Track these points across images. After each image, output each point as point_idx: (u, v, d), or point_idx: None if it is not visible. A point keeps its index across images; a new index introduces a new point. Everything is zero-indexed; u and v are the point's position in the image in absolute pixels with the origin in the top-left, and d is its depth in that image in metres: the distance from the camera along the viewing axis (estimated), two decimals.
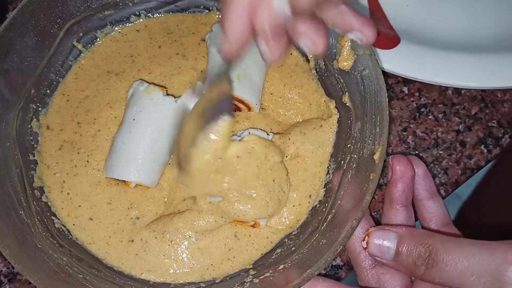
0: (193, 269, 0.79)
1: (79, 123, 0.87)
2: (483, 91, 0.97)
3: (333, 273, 0.86)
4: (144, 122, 0.80)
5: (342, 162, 0.80)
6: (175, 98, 0.82)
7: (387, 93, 0.73)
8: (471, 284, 0.58)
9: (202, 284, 0.79)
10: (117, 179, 0.82)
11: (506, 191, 1.32)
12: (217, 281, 0.79)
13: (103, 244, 0.81)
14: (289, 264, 0.73)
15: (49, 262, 0.72)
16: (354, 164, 0.76)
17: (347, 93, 0.81)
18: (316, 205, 0.82)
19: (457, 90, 0.97)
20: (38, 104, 0.86)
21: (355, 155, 0.77)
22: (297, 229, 0.81)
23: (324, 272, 0.86)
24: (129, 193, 0.83)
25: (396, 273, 0.71)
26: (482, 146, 0.94)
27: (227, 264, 0.80)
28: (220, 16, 0.50)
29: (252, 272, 0.78)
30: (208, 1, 0.94)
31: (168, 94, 0.82)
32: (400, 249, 0.64)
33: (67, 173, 0.84)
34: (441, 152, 0.93)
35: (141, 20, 0.95)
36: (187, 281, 0.79)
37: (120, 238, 0.81)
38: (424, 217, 0.77)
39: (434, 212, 0.77)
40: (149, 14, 0.95)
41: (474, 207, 1.51)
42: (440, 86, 0.96)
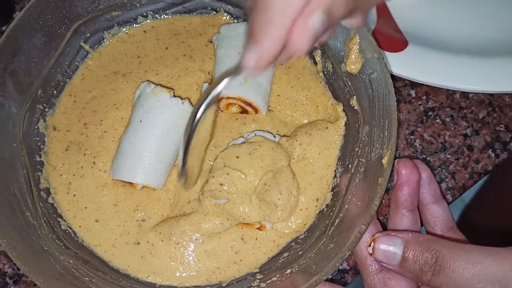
0: (200, 272, 0.79)
1: (85, 124, 0.87)
2: (491, 95, 0.97)
3: (339, 278, 0.86)
4: (150, 124, 0.80)
5: (349, 165, 0.80)
6: (182, 99, 0.82)
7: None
8: None
9: None
10: (124, 181, 0.82)
11: (509, 195, 1.31)
12: (223, 284, 0.79)
13: (109, 246, 0.80)
14: (296, 268, 0.73)
15: (55, 265, 0.71)
16: (362, 168, 0.76)
17: (355, 96, 0.81)
18: (324, 209, 0.82)
19: (464, 94, 0.97)
20: (45, 105, 0.86)
21: (363, 159, 0.76)
22: (304, 233, 0.81)
23: (330, 276, 0.85)
24: (135, 194, 0.83)
25: (402, 278, 0.71)
26: (490, 151, 0.93)
27: (233, 268, 0.80)
28: (252, 24, 0.49)
29: (259, 276, 0.77)
30: (215, 2, 0.94)
31: (175, 96, 0.82)
32: (406, 255, 0.64)
33: (74, 175, 0.84)
34: (448, 156, 0.93)
35: (149, 21, 0.95)
36: (193, 284, 0.79)
37: (126, 240, 0.81)
38: (428, 221, 0.77)
39: (439, 216, 0.76)
40: (157, 15, 0.95)
41: (478, 210, 1.51)
42: (448, 89, 0.95)
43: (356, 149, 0.79)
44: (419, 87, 0.97)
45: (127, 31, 0.94)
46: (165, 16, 0.95)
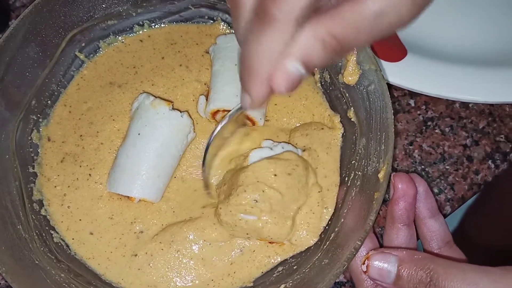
0: (194, 285, 0.78)
1: (81, 135, 0.86)
2: (491, 105, 0.96)
3: None
4: (149, 137, 0.79)
5: (346, 178, 0.79)
6: (181, 112, 0.81)
7: (393, 106, 0.72)
8: None
9: None
10: (120, 194, 0.81)
11: (504, 210, 1.31)
12: None
13: (103, 259, 0.80)
14: (290, 284, 0.72)
15: (46, 279, 0.71)
16: (358, 182, 0.75)
17: (352, 108, 0.80)
18: None
19: (464, 104, 0.96)
20: (38, 115, 0.85)
21: (359, 172, 0.75)
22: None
23: None
24: (132, 207, 0.82)
25: None
26: (490, 161, 0.92)
27: (227, 280, 0.79)
28: (240, 73, 0.52)
29: None
30: (212, 11, 0.93)
31: (174, 108, 0.81)
32: (400, 273, 0.63)
33: (68, 186, 0.83)
34: (447, 167, 0.92)
35: (145, 30, 0.94)
36: None
37: (122, 253, 0.80)
38: (425, 236, 0.76)
39: (435, 231, 0.76)
40: (153, 24, 0.94)
41: (475, 223, 1.50)
42: (447, 99, 0.94)
43: (352, 162, 0.78)
44: (418, 96, 0.96)
45: (123, 40, 0.93)
46: (162, 25, 0.95)
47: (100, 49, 0.92)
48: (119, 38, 0.93)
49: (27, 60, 0.81)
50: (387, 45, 0.92)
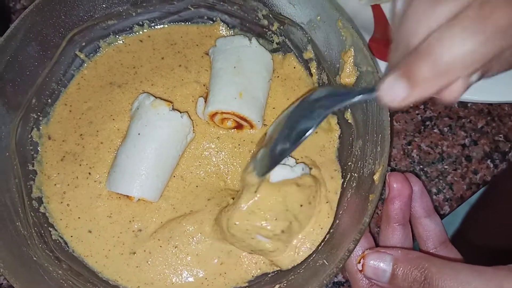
0: (189, 283, 0.80)
1: (81, 134, 0.87)
2: (490, 104, 0.96)
3: None
4: (149, 137, 0.80)
5: (342, 180, 0.79)
6: (181, 113, 0.82)
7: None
8: None
9: None
10: (120, 193, 0.82)
11: (503, 211, 1.31)
12: None
13: (101, 257, 0.80)
14: (285, 284, 0.73)
15: (43, 275, 0.72)
16: (354, 183, 0.75)
17: (349, 110, 0.80)
18: None
19: (463, 103, 0.96)
20: (39, 113, 0.86)
21: (356, 174, 0.76)
22: None
23: None
24: (130, 206, 0.83)
25: None
26: (489, 161, 0.93)
27: (220, 280, 0.80)
28: (413, 62, 0.49)
29: None
30: (212, 11, 0.93)
31: (174, 109, 0.82)
32: (395, 272, 0.64)
33: (68, 184, 0.84)
34: (446, 167, 0.92)
35: (145, 30, 0.94)
36: None
37: (120, 251, 0.81)
38: (421, 235, 0.77)
39: (431, 230, 0.76)
40: (153, 24, 0.94)
41: (474, 223, 1.50)
42: None
43: (349, 163, 0.79)
44: None
45: (123, 40, 0.94)
46: (161, 26, 0.95)
47: (100, 48, 0.93)
48: (119, 38, 0.93)
49: (28, 59, 0.81)
50: (385, 44, 0.92)
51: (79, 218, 0.82)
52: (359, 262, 0.67)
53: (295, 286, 0.70)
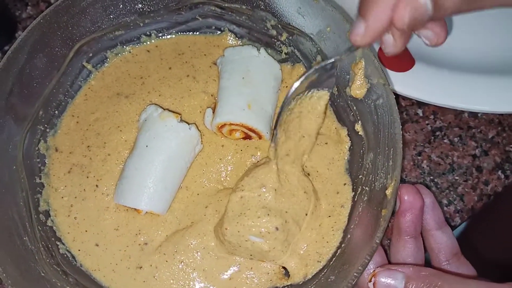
0: None
1: (89, 146, 0.86)
2: (501, 114, 0.95)
3: None
4: (157, 149, 0.79)
5: (353, 193, 0.78)
6: (189, 124, 0.81)
7: (401, 116, 0.71)
8: None
9: None
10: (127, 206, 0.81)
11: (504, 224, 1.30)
12: None
13: (108, 271, 0.80)
14: None
15: None
16: (366, 197, 0.74)
17: (360, 122, 0.79)
18: None
19: (473, 113, 0.95)
20: (46, 125, 0.85)
21: (367, 187, 0.75)
22: None
23: None
24: (137, 219, 0.82)
25: None
26: (499, 172, 0.92)
27: None
28: (361, 2, 0.55)
29: None
30: (219, 21, 0.92)
31: (182, 120, 0.81)
32: None
33: (75, 197, 0.83)
34: (456, 178, 0.91)
35: (152, 40, 0.94)
36: None
37: (127, 265, 0.80)
38: (432, 248, 0.76)
39: (443, 243, 0.75)
40: (160, 35, 0.94)
41: (483, 235, 1.49)
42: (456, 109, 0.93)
43: (360, 176, 0.78)
44: (427, 106, 0.95)
45: (130, 50, 0.93)
46: (169, 36, 0.94)
47: (108, 59, 0.92)
48: (126, 49, 0.93)
49: (35, 71, 0.81)
50: (395, 55, 0.91)
51: (86, 231, 0.82)
52: (370, 281, 0.66)
53: None
